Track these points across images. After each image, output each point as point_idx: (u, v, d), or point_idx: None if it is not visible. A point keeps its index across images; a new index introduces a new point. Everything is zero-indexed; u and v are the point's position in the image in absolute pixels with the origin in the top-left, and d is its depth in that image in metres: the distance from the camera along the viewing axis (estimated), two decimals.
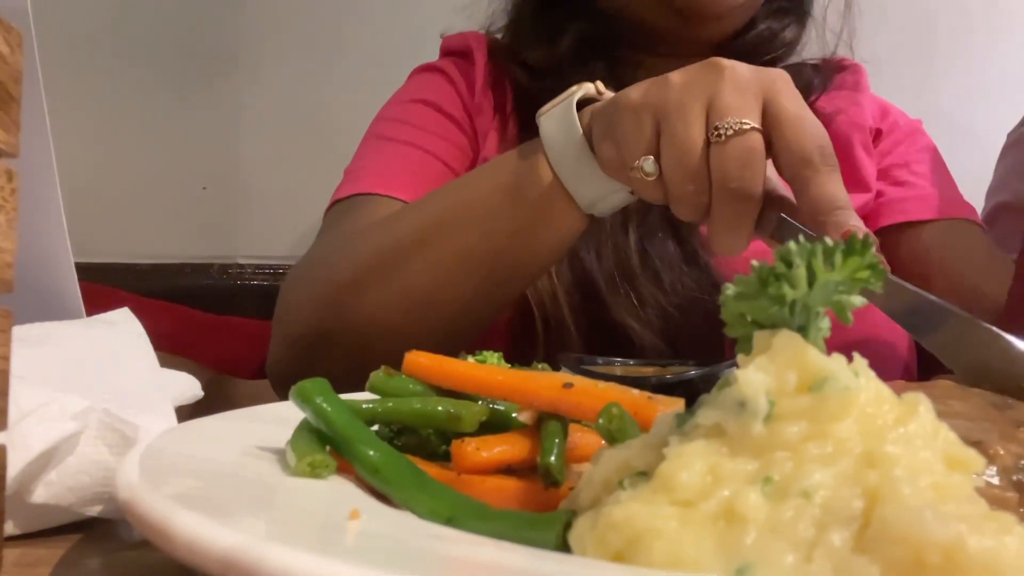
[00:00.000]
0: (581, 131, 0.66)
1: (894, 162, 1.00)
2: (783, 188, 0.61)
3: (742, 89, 0.58)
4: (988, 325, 0.45)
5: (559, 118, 0.68)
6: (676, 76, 0.61)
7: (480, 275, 0.72)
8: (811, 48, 1.03)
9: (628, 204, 0.69)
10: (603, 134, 0.64)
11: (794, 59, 1.02)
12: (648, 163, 0.60)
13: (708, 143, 0.58)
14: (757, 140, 0.57)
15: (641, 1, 0.94)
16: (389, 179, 0.90)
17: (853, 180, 0.93)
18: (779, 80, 0.60)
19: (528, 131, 0.94)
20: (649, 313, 0.82)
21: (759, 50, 0.98)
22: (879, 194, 0.98)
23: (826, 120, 0.98)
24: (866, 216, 0.94)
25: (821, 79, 1.00)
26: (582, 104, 0.68)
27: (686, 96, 0.59)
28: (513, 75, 0.98)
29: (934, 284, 0.88)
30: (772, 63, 1.00)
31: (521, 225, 0.70)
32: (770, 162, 0.59)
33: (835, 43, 1.03)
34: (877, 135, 1.02)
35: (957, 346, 0.46)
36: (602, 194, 0.67)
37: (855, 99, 1.01)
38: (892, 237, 0.94)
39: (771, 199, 0.59)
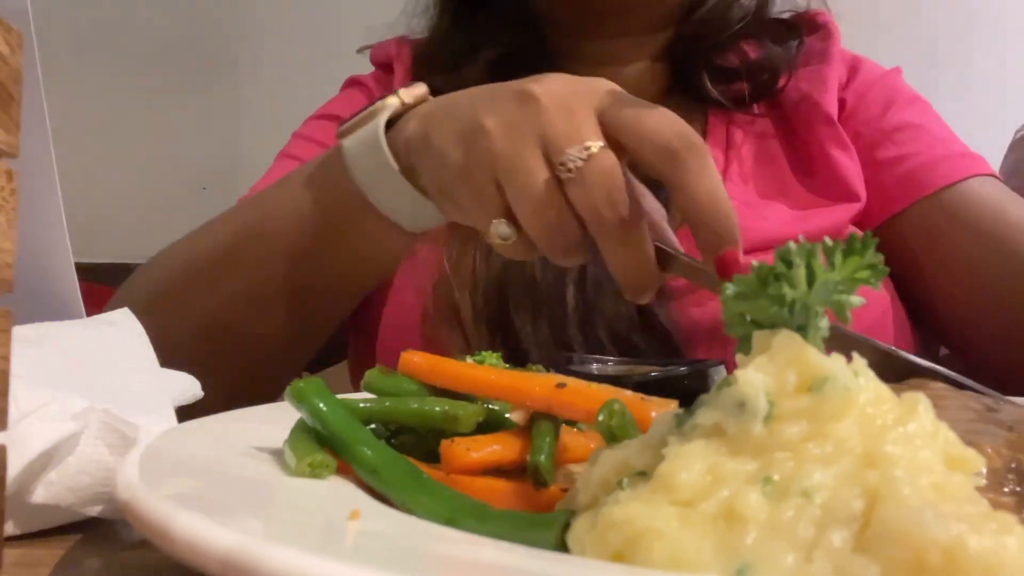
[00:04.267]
0: (397, 166, 0.58)
1: (874, 139, 0.85)
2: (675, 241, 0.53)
3: (568, 110, 0.51)
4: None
5: (367, 147, 0.58)
6: (489, 122, 0.52)
7: (283, 307, 0.67)
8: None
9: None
10: (439, 189, 0.56)
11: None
12: (501, 227, 0.52)
13: (560, 182, 0.50)
14: (609, 158, 0.49)
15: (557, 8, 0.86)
16: None
17: (837, 190, 0.82)
18: (600, 85, 0.53)
19: None
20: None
21: (715, 27, 0.86)
22: (878, 182, 0.83)
23: (792, 111, 0.85)
24: (860, 223, 0.82)
25: (788, 60, 0.86)
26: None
27: (511, 143, 0.51)
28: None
29: (984, 254, 0.77)
30: (735, 37, 0.87)
31: (329, 256, 0.64)
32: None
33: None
34: (842, 106, 0.87)
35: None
36: (431, 212, 0.59)
37: (820, 74, 0.86)
38: (916, 217, 0.81)
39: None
